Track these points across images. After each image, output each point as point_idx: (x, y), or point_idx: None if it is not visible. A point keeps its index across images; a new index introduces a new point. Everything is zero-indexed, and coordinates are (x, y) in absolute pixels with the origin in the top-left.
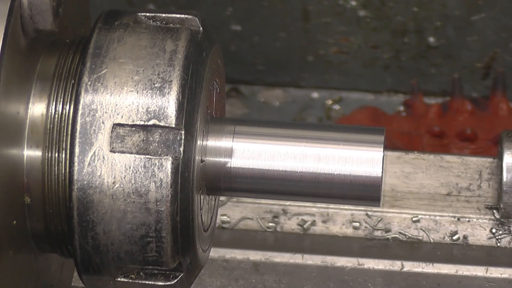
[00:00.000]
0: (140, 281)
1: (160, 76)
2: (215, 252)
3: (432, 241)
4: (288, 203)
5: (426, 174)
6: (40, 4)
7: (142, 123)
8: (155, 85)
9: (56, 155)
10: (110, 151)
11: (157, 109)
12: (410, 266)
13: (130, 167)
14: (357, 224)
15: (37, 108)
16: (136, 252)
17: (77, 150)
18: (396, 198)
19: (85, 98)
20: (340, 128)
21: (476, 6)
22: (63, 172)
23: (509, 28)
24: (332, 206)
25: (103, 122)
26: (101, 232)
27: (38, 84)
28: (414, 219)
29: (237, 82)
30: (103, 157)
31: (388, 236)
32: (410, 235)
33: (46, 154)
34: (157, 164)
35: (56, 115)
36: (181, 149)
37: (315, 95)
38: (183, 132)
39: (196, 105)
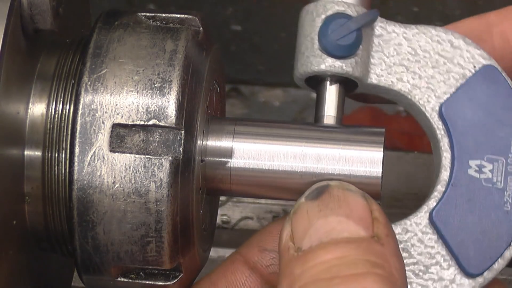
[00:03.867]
0: (140, 281)
1: (160, 76)
2: (215, 252)
3: None
4: (288, 203)
5: (426, 174)
6: (40, 4)
7: (142, 123)
8: (155, 85)
9: (56, 155)
10: (110, 151)
11: (157, 109)
12: None
13: (130, 167)
14: None
15: (37, 108)
16: (136, 252)
17: (77, 150)
18: (396, 198)
19: (85, 98)
20: (340, 128)
21: (476, 6)
22: (63, 172)
23: None
24: None
25: (103, 122)
26: (101, 232)
27: (38, 84)
28: None
29: (237, 82)
30: (103, 157)
31: None
32: None
33: (46, 154)
34: (157, 164)
35: (56, 115)
36: (181, 149)
37: (315, 95)
38: (183, 132)
39: (196, 105)
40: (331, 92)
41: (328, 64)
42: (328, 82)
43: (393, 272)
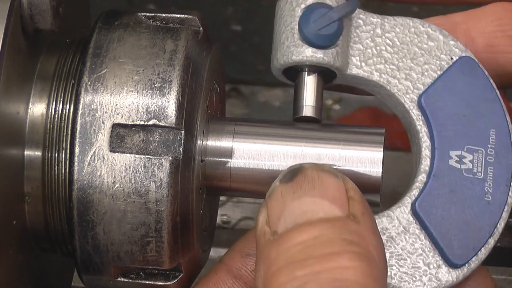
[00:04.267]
0: (140, 281)
1: (160, 76)
2: (215, 252)
3: None
4: None
5: None
6: (40, 4)
7: (142, 123)
8: (155, 85)
9: (56, 155)
10: (110, 151)
11: (157, 109)
12: None
13: (130, 167)
14: None
15: (37, 108)
16: (136, 252)
17: (77, 150)
18: (396, 198)
19: (85, 98)
20: (340, 128)
21: (476, 6)
22: (63, 172)
23: None
24: None
25: (103, 122)
26: (101, 232)
27: (38, 84)
28: None
29: (237, 82)
30: (103, 157)
31: None
32: None
33: (46, 154)
34: (157, 164)
35: (56, 115)
36: (181, 149)
37: None
38: (183, 132)
39: (196, 105)
40: (310, 82)
41: (309, 54)
42: (306, 73)
43: (370, 249)
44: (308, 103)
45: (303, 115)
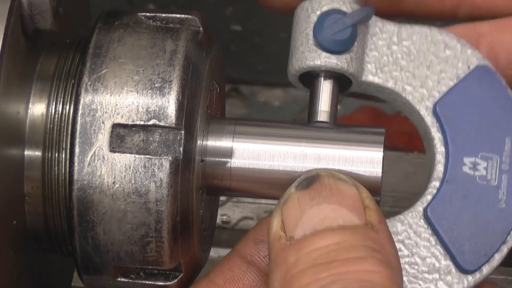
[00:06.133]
0: (140, 281)
1: (160, 76)
2: (215, 252)
3: None
4: None
5: (426, 174)
6: (40, 4)
7: (142, 123)
8: (155, 85)
9: (56, 155)
10: (110, 151)
11: (157, 109)
12: None
13: (130, 167)
14: None
15: (37, 108)
16: (136, 252)
17: (77, 150)
18: (396, 198)
19: (85, 98)
20: (340, 128)
21: None
22: (63, 172)
23: None
24: None
25: (103, 122)
26: (101, 232)
27: (38, 84)
28: None
29: (237, 82)
30: (103, 157)
31: None
32: None
33: (46, 154)
34: (157, 164)
35: (56, 115)
36: (181, 149)
37: None
38: (183, 132)
39: (196, 105)
40: (325, 88)
41: (323, 59)
42: (322, 78)
43: (389, 257)
44: (323, 109)
45: (317, 120)
